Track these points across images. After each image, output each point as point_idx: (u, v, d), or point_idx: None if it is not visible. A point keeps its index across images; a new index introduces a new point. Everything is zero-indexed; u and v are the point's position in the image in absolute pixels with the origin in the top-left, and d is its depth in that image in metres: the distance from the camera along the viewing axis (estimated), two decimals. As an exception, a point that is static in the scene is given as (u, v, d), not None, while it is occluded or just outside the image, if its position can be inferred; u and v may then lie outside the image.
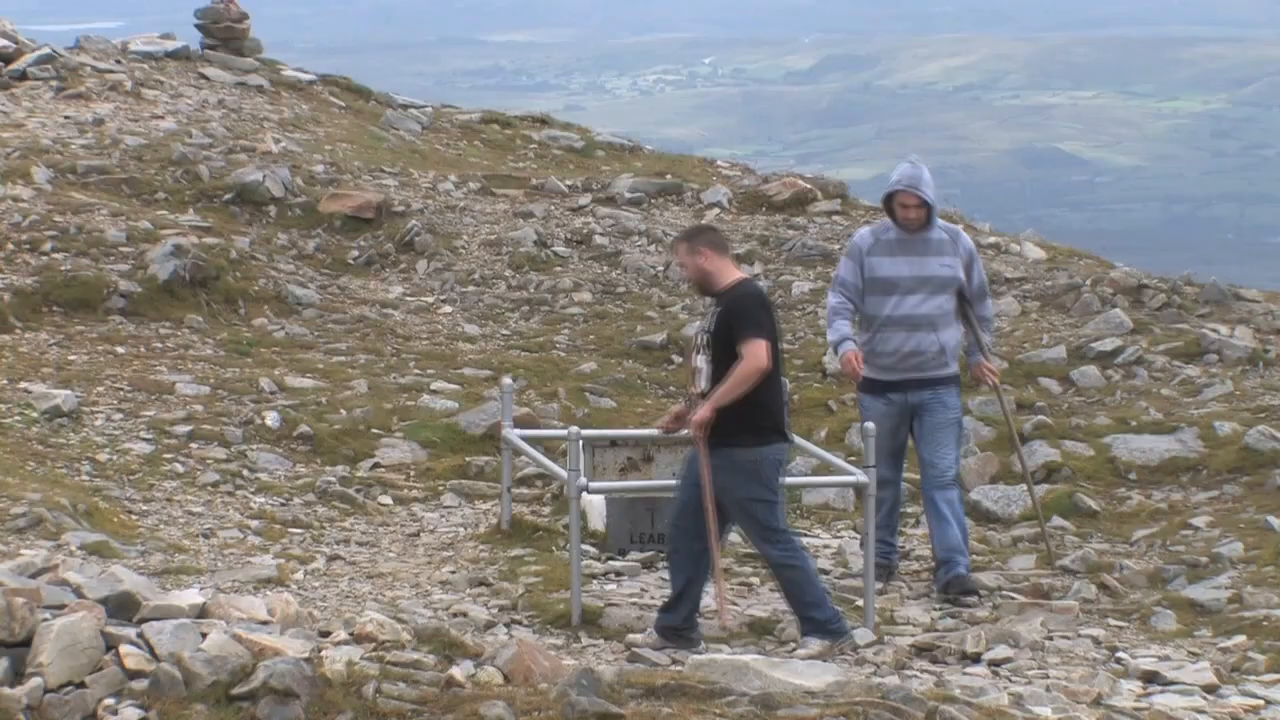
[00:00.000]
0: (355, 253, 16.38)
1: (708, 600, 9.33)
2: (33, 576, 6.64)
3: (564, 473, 9.17)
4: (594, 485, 9.32)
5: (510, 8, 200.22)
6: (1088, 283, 16.09)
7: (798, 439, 10.47)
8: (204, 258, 15.04)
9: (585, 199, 18.68)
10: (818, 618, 8.62)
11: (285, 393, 12.93)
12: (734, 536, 10.97)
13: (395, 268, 16.34)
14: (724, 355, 8.42)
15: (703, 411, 8.40)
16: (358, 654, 6.23)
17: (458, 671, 6.17)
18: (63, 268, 14.58)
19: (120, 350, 13.53)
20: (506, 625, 8.72)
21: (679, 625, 8.60)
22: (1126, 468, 12.00)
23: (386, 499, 11.42)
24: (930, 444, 9.80)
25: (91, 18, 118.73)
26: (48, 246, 14.92)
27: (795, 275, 16.44)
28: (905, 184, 9.63)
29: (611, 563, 10.02)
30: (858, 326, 9.87)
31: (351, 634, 6.50)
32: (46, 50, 21.01)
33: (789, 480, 10.70)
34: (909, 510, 11.85)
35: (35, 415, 11.57)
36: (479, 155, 20.79)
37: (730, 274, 8.61)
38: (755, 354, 8.30)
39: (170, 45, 22.59)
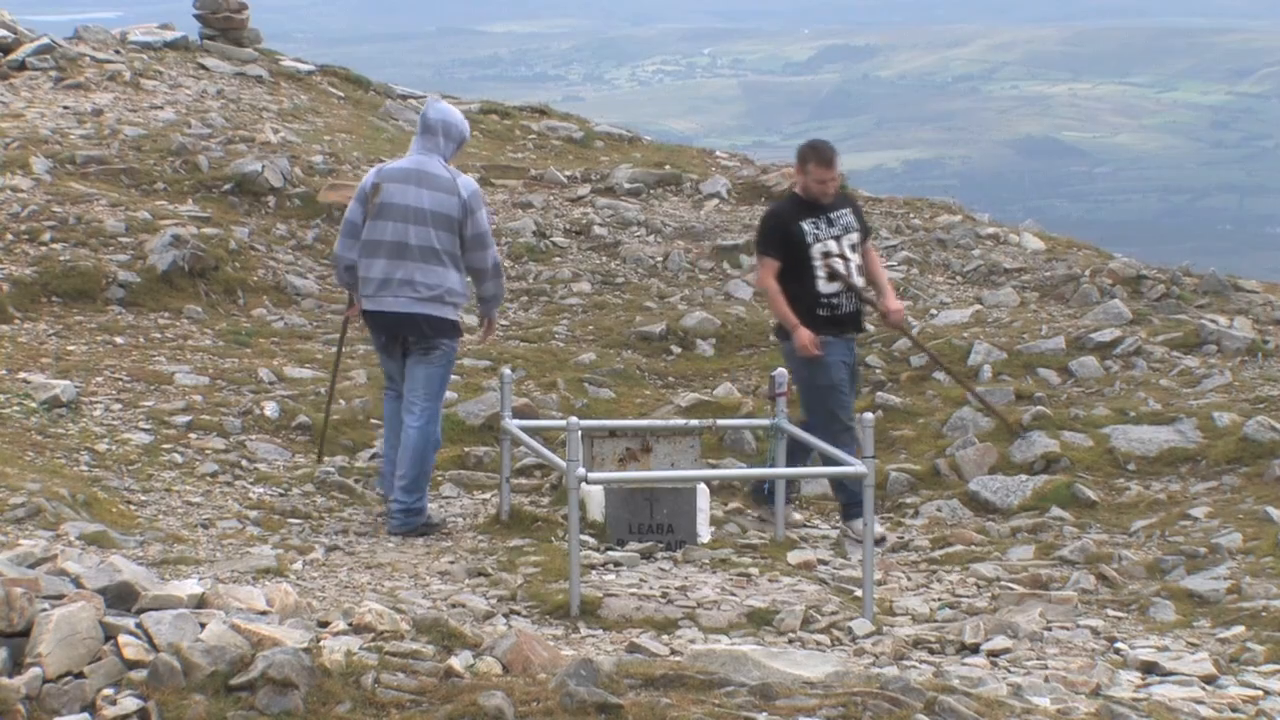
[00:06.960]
0: (354, 243, 16.35)
1: (706, 591, 9.34)
2: (31, 566, 6.63)
3: (563, 463, 9.16)
4: (593, 476, 9.32)
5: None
6: (1086, 273, 16.10)
7: (795, 429, 10.49)
8: (203, 248, 15.04)
9: (584, 189, 18.69)
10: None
11: (284, 383, 12.93)
12: (731, 527, 11.00)
13: (394, 258, 16.31)
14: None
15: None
16: (356, 644, 6.22)
17: (456, 662, 6.16)
18: (61, 258, 14.57)
19: (119, 340, 13.52)
20: (505, 615, 8.72)
21: None
22: (1125, 458, 11.99)
23: (385, 489, 11.38)
24: None
25: (90, 8, 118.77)
26: (46, 237, 14.92)
27: (794, 266, 16.44)
28: None
29: (610, 553, 10.02)
30: None
31: (350, 624, 6.50)
32: (45, 40, 21.00)
33: (789, 471, 10.74)
34: (906, 501, 11.85)
35: (34, 405, 11.56)
36: (478, 145, 20.76)
37: None
38: None
39: (169, 35, 22.60)
